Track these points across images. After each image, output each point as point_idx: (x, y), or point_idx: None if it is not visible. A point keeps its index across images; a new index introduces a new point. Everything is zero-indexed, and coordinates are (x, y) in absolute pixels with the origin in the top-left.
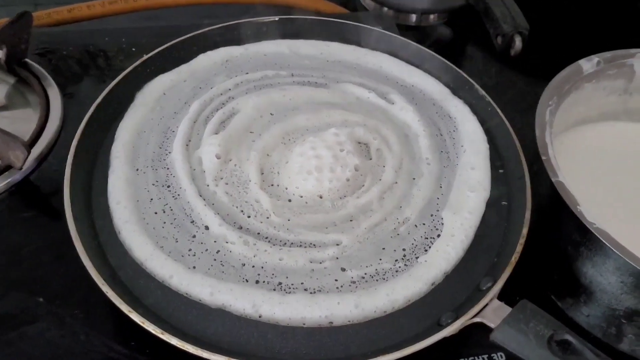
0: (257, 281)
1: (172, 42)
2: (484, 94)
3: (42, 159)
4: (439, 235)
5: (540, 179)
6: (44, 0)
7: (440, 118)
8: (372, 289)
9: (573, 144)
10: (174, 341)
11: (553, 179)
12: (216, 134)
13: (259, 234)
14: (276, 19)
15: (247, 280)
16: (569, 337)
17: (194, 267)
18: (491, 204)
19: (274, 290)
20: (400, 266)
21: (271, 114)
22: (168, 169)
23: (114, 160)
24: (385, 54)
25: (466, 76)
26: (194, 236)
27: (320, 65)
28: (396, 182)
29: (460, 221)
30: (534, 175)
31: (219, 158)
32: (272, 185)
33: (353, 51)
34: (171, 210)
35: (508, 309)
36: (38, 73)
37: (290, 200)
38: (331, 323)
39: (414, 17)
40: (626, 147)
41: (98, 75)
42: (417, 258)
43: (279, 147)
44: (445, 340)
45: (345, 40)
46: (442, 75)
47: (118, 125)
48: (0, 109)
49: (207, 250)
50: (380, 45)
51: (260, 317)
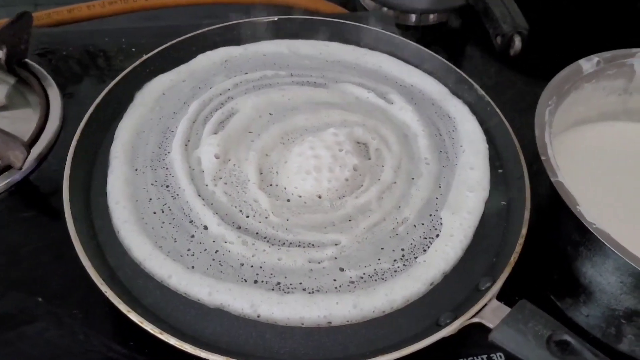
0: (256, 281)
1: (172, 42)
2: (483, 93)
3: (42, 159)
4: (437, 235)
5: (540, 179)
6: (44, 1)
7: (440, 118)
8: (371, 289)
9: (573, 144)
10: (173, 341)
11: (552, 179)
12: (215, 134)
13: (257, 233)
14: (275, 19)
15: (246, 280)
16: (567, 338)
17: (193, 267)
18: (490, 204)
19: (273, 290)
20: (399, 266)
21: (270, 114)
22: (167, 168)
23: (113, 160)
24: (384, 53)
25: (465, 76)
26: (193, 236)
27: (319, 65)
28: (395, 182)
29: (459, 221)
30: (533, 175)
31: (217, 158)
32: (271, 185)
33: (352, 51)
34: (170, 210)
35: (507, 309)
36: (38, 73)
37: (289, 200)
38: (330, 323)
39: (413, 17)
40: (626, 147)
41: (98, 75)
42: (416, 258)
43: (278, 147)
44: (444, 340)
45: (345, 40)
46: (442, 75)
47: (117, 125)
48: (0, 109)
49: (206, 250)
50: (380, 45)
51: (258, 317)
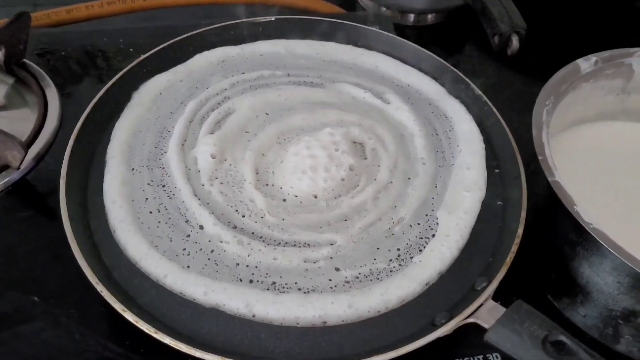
0: (251, 281)
1: (169, 43)
2: (480, 93)
3: (40, 158)
4: (433, 235)
5: (537, 178)
6: (43, 1)
7: (436, 118)
8: (366, 289)
9: (570, 143)
10: (167, 340)
11: (550, 179)
12: (212, 133)
13: (253, 233)
14: (272, 19)
15: (241, 280)
16: (563, 338)
17: (188, 267)
18: (487, 203)
19: (268, 289)
20: (394, 266)
21: (267, 113)
22: (163, 168)
23: (110, 159)
24: (381, 53)
25: (462, 76)
26: (189, 235)
27: (316, 65)
28: (391, 182)
29: (456, 221)
30: (530, 175)
31: (214, 158)
32: (267, 184)
33: (349, 51)
34: (166, 209)
35: (502, 310)
36: (36, 73)
37: (284, 200)
38: (325, 323)
39: (411, 17)
40: (624, 147)
41: (96, 75)
42: (412, 258)
43: (274, 147)
44: (440, 340)
45: (342, 40)
46: (439, 75)
47: (114, 125)
48: None
49: (202, 249)
50: (377, 44)
51: (253, 317)
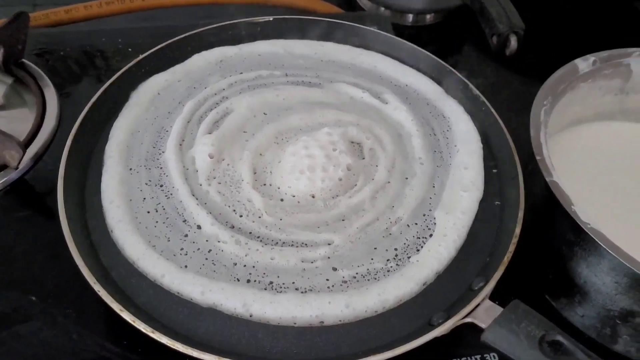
0: (249, 280)
1: (167, 43)
2: (478, 93)
3: (38, 158)
4: (431, 235)
5: (535, 178)
6: (42, 1)
7: (434, 118)
8: (364, 289)
9: (568, 143)
10: (165, 340)
11: (547, 179)
12: (209, 133)
13: (250, 233)
14: (270, 19)
15: (239, 280)
16: (560, 338)
17: (186, 266)
18: (484, 203)
19: (265, 289)
20: (392, 266)
21: (265, 113)
22: (161, 168)
23: (107, 159)
24: (379, 53)
25: (460, 76)
26: (186, 235)
27: (314, 65)
28: (389, 182)
29: (453, 221)
30: (528, 175)
31: (212, 157)
32: (265, 184)
33: (347, 51)
34: (164, 209)
35: (499, 309)
36: (35, 73)
37: (282, 200)
38: (322, 323)
39: (410, 17)
40: (622, 147)
41: (95, 75)
42: (409, 258)
43: (272, 147)
44: (437, 340)
45: (341, 40)
46: (437, 75)
47: (112, 125)
48: None
49: (199, 249)
50: (375, 45)
51: (251, 317)
